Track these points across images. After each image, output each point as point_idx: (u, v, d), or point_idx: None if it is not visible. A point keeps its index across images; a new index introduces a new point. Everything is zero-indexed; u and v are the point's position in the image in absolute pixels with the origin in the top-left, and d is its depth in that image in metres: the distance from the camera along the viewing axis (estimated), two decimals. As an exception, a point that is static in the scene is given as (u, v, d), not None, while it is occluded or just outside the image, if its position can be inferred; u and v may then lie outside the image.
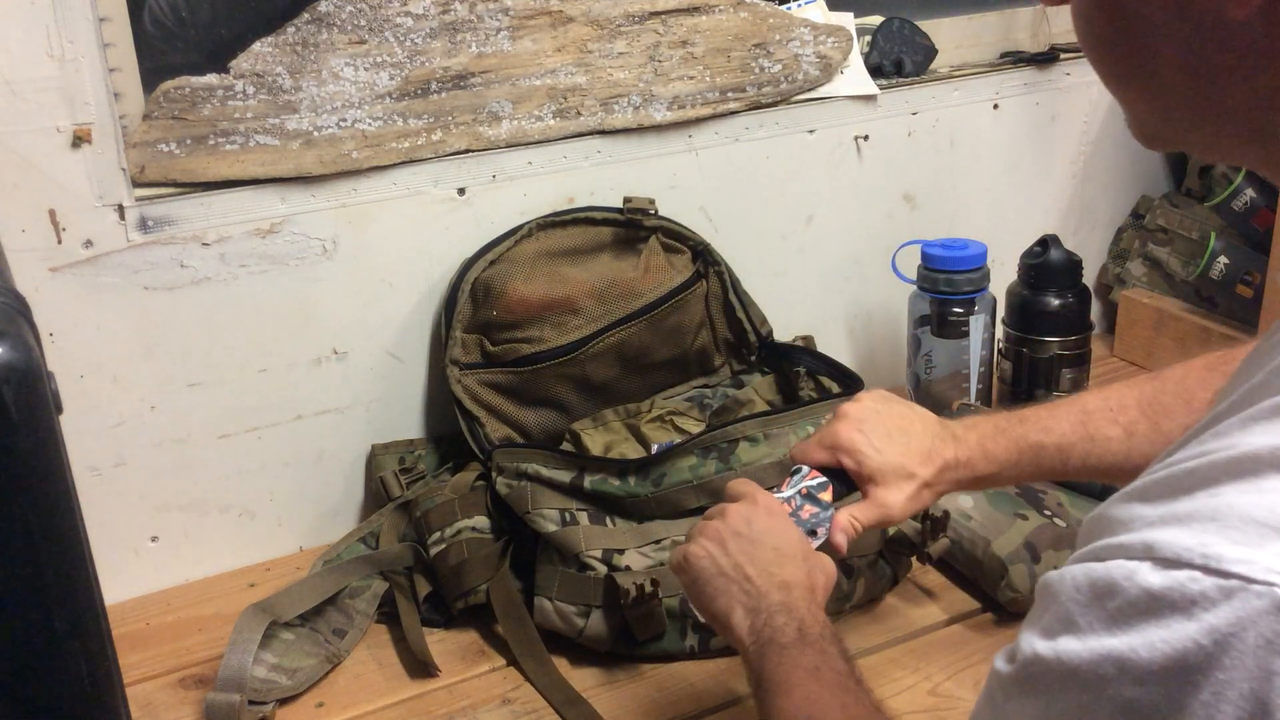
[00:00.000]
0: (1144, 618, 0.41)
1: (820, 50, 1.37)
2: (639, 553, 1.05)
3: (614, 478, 1.08)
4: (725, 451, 1.08)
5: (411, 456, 1.25)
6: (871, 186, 1.46)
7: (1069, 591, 0.44)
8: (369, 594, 1.12)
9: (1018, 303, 1.40)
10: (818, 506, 0.90)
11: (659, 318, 1.23)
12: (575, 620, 1.04)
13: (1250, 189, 1.47)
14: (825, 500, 0.90)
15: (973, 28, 1.58)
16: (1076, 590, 0.44)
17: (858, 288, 1.50)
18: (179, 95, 1.09)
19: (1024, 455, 0.91)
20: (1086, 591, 0.44)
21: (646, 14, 1.27)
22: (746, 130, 1.36)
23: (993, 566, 1.07)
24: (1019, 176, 1.57)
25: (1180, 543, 0.42)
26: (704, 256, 1.29)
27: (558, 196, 1.28)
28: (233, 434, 1.20)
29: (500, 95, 1.22)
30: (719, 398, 1.26)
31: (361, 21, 1.14)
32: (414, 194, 1.21)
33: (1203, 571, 0.40)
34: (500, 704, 1.01)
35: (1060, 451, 0.90)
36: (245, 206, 1.14)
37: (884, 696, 0.98)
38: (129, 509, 1.17)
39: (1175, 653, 0.40)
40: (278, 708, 1.01)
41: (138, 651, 1.09)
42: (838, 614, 1.08)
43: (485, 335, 1.21)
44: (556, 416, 1.23)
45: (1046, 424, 0.91)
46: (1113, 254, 1.67)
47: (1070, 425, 0.90)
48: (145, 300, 1.12)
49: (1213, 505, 0.42)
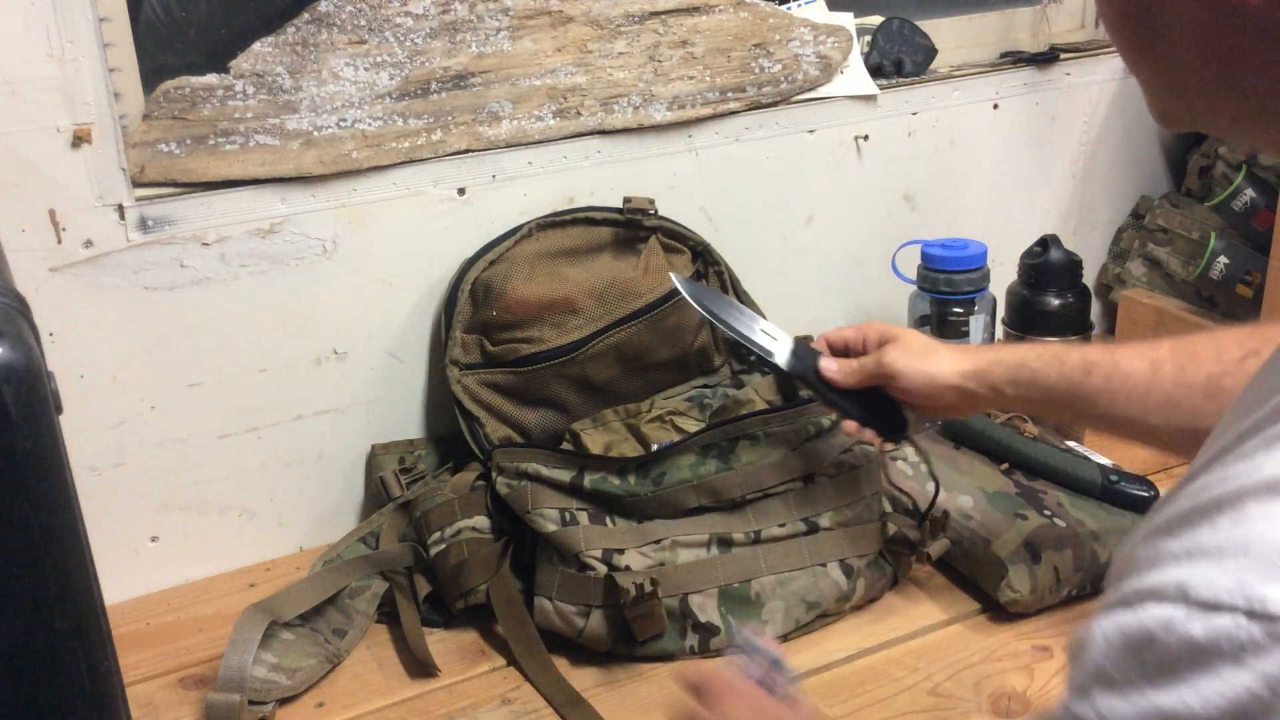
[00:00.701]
0: (1191, 669, 0.39)
1: (820, 50, 1.37)
2: (639, 552, 1.05)
3: (614, 476, 1.08)
4: (725, 450, 1.08)
5: (411, 456, 1.25)
6: (871, 186, 1.46)
7: (1100, 645, 0.42)
8: (369, 594, 1.12)
9: (1018, 303, 1.40)
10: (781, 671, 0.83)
11: (659, 318, 1.23)
12: (575, 620, 1.04)
13: (1250, 189, 1.47)
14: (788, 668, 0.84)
15: (973, 28, 1.58)
16: (1108, 643, 0.41)
17: (858, 288, 1.50)
18: (179, 95, 1.09)
19: (1047, 355, 0.96)
20: (1119, 645, 0.41)
21: (646, 14, 1.27)
22: (746, 130, 1.36)
23: (993, 566, 1.07)
24: (1019, 176, 1.57)
25: (1217, 583, 0.39)
26: (704, 256, 1.29)
27: (558, 196, 1.28)
28: (233, 434, 1.20)
29: (500, 95, 1.22)
30: (719, 398, 1.26)
31: (361, 21, 1.14)
32: (414, 194, 1.21)
33: (1246, 616, 0.38)
34: (500, 704, 1.01)
35: (1084, 363, 0.94)
36: (245, 206, 1.14)
37: (884, 696, 0.98)
38: (129, 509, 1.17)
39: (1230, 704, 0.38)
40: (278, 708, 1.01)
41: (138, 651, 1.09)
42: (838, 614, 1.08)
43: (485, 335, 1.21)
44: (556, 417, 1.23)
45: (1075, 346, 0.98)
46: (1113, 254, 1.67)
47: (1099, 350, 0.95)
48: (145, 300, 1.12)
49: (1243, 536, 0.40)
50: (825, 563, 1.07)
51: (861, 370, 1.03)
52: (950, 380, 0.98)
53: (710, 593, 1.04)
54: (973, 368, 0.98)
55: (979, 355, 1.00)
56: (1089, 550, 1.08)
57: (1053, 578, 1.06)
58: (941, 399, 1.00)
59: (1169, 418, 0.89)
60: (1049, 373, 0.95)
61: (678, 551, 1.05)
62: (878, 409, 1.04)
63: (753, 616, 1.04)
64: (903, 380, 1.00)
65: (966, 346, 1.02)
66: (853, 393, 1.04)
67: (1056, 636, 1.05)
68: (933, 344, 1.03)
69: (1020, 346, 1.00)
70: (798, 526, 1.07)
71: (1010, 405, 1.04)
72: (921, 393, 1.00)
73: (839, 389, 1.04)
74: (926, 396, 1.00)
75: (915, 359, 1.00)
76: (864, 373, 1.03)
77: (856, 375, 1.03)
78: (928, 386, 0.99)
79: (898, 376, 1.00)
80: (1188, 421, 0.88)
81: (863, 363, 1.03)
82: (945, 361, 0.99)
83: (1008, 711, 0.96)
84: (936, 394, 0.99)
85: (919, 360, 1.00)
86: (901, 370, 1.00)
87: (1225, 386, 0.86)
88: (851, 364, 1.04)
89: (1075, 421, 0.99)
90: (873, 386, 1.03)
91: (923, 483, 1.16)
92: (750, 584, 1.05)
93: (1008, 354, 0.98)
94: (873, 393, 1.03)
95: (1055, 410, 0.99)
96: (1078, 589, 1.08)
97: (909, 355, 1.00)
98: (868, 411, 1.04)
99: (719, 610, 1.04)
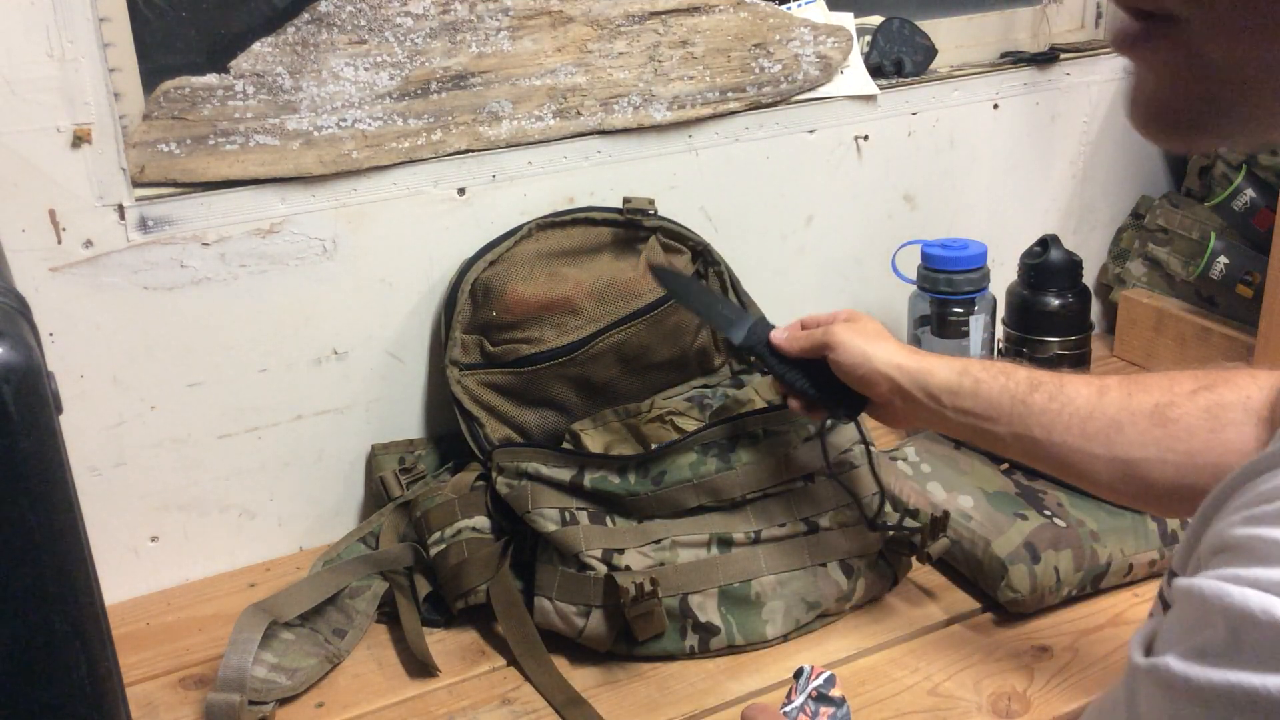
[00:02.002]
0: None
1: (820, 50, 1.37)
2: (639, 552, 1.05)
3: (614, 475, 1.08)
4: (725, 449, 1.08)
5: (411, 456, 1.25)
6: (871, 186, 1.46)
7: (1196, 610, 0.43)
8: (369, 594, 1.12)
9: (1018, 303, 1.40)
10: (832, 706, 0.91)
11: (659, 318, 1.23)
12: (575, 620, 1.04)
13: (1250, 189, 1.47)
14: (838, 696, 0.91)
15: (973, 28, 1.58)
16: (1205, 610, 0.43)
17: (858, 288, 1.50)
18: (179, 95, 1.09)
19: (994, 368, 0.94)
20: (1221, 618, 0.42)
21: (646, 14, 1.27)
22: (746, 130, 1.36)
23: (993, 566, 1.07)
24: (1019, 176, 1.57)
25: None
26: (704, 256, 1.29)
27: (558, 196, 1.28)
28: (233, 434, 1.20)
29: (500, 95, 1.22)
30: (719, 398, 1.25)
31: (361, 21, 1.14)
32: (414, 194, 1.21)
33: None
34: (500, 704, 1.01)
35: (1031, 380, 0.91)
36: (245, 206, 1.14)
37: (884, 696, 0.98)
38: (129, 509, 1.17)
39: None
40: (278, 708, 1.01)
41: (138, 651, 1.10)
42: (838, 614, 1.08)
43: (485, 336, 1.21)
44: (556, 417, 1.23)
45: (1023, 365, 0.95)
46: (1113, 254, 1.67)
47: (1047, 373, 0.92)
48: (145, 300, 1.12)
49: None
50: (825, 563, 1.07)
51: (809, 339, 1.01)
52: (884, 368, 0.96)
53: (710, 592, 1.04)
54: (913, 365, 0.96)
55: (925, 357, 0.97)
56: (1089, 550, 1.08)
57: (1053, 578, 1.06)
58: (873, 385, 0.97)
59: (1110, 446, 0.86)
60: (992, 384, 0.92)
61: (678, 551, 1.05)
62: (829, 386, 1.01)
63: (753, 616, 1.04)
64: (840, 352, 0.98)
65: (919, 350, 1.00)
66: (804, 368, 1.02)
67: (1056, 636, 1.05)
68: (885, 334, 1.00)
69: (969, 359, 0.98)
70: (798, 526, 1.07)
71: (942, 424, 0.96)
72: (853, 370, 0.98)
73: (789, 362, 1.03)
74: (857, 377, 0.98)
75: (858, 336, 0.99)
76: (810, 340, 1.01)
77: (801, 342, 1.02)
78: (860, 365, 0.97)
79: (836, 348, 0.98)
80: (1129, 451, 0.85)
81: (810, 332, 1.01)
82: (888, 350, 0.98)
83: (1008, 711, 0.97)
84: (868, 376, 0.97)
85: (861, 338, 0.98)
86: (841, 342, 0.98)
87: (1172, 417, 0.84)
88: (800, 332, 1.03)
89: (1010, 448, 0.92)
90: (825, 365, 1.01)
91: (923, 483, 1.16)
92: (750, 584, 1.05)
93: (954, 361, 0.96)
94: (824, 370, 1.01)
95: (989, 430, 0.93)
96: (1078, 589, 1.08)
97: (853, 332, 0.99)
98: (818, 387, 1.02)
99: (719, 610, 1.04)
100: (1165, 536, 1.11)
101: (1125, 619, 1.07)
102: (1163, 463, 0.84)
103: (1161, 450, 0.84)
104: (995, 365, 0.95)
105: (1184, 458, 0.83)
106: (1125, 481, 0.86)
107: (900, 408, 0.98)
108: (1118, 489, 0.87)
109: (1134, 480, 0.86)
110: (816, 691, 0.91)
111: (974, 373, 0.94)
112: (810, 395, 1.03)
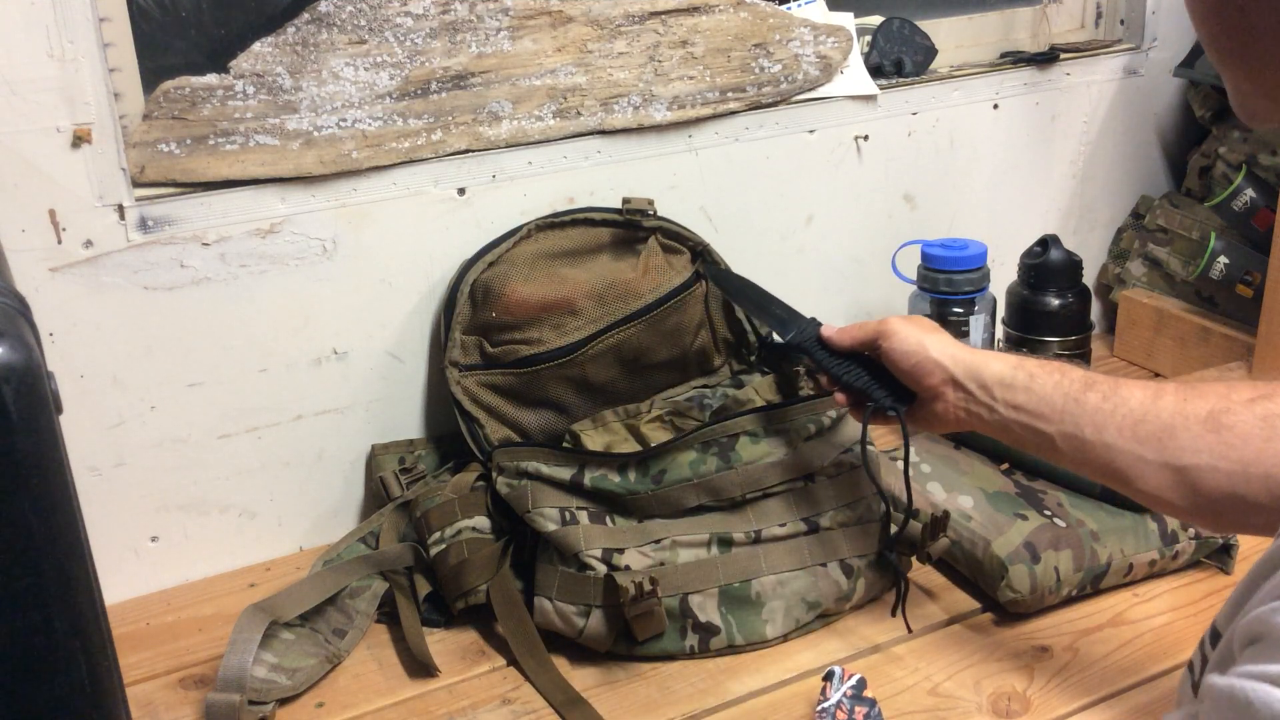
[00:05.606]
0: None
1: (820, 50, 1.37)
2: (639, 552, 1.05)
3: (614, 474, 1.08)
4: (725, 448, 1.08)
5: (411, 457, 1.25)
6: (871, 186, 1.46)
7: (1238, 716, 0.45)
8: (369, 594, 1.12)
9: (1018, 303, 1.40)
10: (866, 705, 0.91)
11: (658, 318, 1.23)
12: (575, 620, 1.04)
13: (1250, 189, 1.47)
14: (870, 697, 0.92)
15: (973, 28, 1.58)
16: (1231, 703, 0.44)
17: (858, 288, 1.50)
18: (179, 95, 1.09)
19: (1050, 365, 0.93)
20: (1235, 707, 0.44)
21: (646, 14, 1.27)
22: (746, 130, 1.36)
23: (993, 566, 1.07)
24: (1019, 176, 1.57)
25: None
26: (704, 257, 1.29)
27: (558, 196, 1.28)
28: (233, 434, 1.20)
29: (500, 95, 1.22)
30: (719, 398, 1.25)
31: (361, 21, 1.14)
32: (414, 194, 1.21)
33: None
34: (500, 704, 1.01)
35: (1086, 379, 0.90)
36: (245, 206, 1.14)
37: (884, 696, 0.98)
38: (129, 509, 1.17)
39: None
40: (278, 708, 1.01)
41: (138, 651, 1.10)
42: (838, 614, 1.08)
43: (484, 337, 1.21)
44: (556, 418, 1.23)
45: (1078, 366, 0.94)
46: (1113, 254, 1.67)
47: (1102, 375, 0.91)
48: (145, 300, 1.12)
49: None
50: (825, 563, 1.07)
51: (861, 329, 1.02)
52: (940, 356, 0.97)
53: (710, 592, 1.04)
54: (968, 356, 0.96)
55: (979, 350, 0.98)
56: (1089, 550, 1.08)
57: (1053, 578, 1.06)
58: (926, 375, 0.97)
59: (1161, 450, 0.84)
60: (1046, 380, 0.91)
61: (678, 551, 1.05)
62: (878, 378, 1.02)
63: (752, 616, 1.04)
64: (894, 340, 0.99)
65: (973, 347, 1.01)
66: (853, 362, 1.04)
67: (1056, 636, 1.05)
68: (940, 328, 1.02)
69: (1024, 356, 0.98)
70: (798, 526, 1.07)
71: (990, 419, 0.95)
72: (907, 358, 0.98)
73: (839, 355, 1.04)
74: (911, 365, 0.98)
75: (914, 326, 1.00)
76: (863, 331, 1.02)
77: (854, 333, 1.03)
78: (915, 352, 0.97)
79: (891, 336, 0.99)
80: (1181, 457, 0.83)
81: (863, 324, 1.03)
82: (943, 340, 0.99)
83: (1008, 711, 0.97)
84: (922, 364, 0.97)
85: (917, 328, 0.99)
86: (896, 330, 0.99)
87: (1227, 423, 0.82)
88: (851, 326, 1.04)
89: (1056, 449, 0.90)
90: (874, 361, 1.02)
91: (923, 483, 1.16)
92: (750, 584, 1.05)
93: (1009, 356, 0.97)
94: (873, 364, 1.03)
95: (1038, 428, 0.91)
96: (1078, 589, 1.08)
97: (909, 323, 1.00)
98: (869, 378, 1.03)
99: (719, 610, 1.04)
100: (1165, 537, 1.11)
101: (1125, 619, 1.07)
102: (1214, 470, 0.82)
103: (1214, 457, 0.82)
104: (1051, 363, 0.94)
105: (1236, 466, 0.81)
106: (1173, 488, 0.84)
107: (951, 400, 0.97)
108: (1164, 496, 0.85)
109: (1182, 487, 0.83)
110: (851, 691, 0.92)
111: (1029, 368, 0.94)
112: (859, 387, 1.03)
